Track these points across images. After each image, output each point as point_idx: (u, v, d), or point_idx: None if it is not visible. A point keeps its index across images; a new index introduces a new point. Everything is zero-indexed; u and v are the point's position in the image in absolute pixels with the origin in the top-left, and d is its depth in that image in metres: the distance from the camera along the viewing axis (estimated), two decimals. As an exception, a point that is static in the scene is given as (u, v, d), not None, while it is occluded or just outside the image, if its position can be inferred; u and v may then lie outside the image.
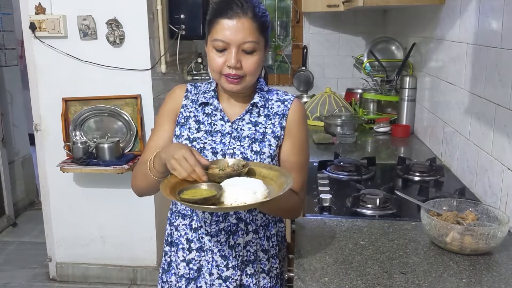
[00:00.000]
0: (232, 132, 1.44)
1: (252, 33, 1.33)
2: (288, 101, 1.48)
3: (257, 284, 1.47)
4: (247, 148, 1.41)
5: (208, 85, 1.52)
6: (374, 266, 1.34)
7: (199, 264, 1.47)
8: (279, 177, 1.29)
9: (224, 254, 1.44)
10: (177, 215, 1.52)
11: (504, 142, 1.63)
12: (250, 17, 1.33)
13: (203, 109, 1.48)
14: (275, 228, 1.52)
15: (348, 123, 2.97)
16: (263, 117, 1.46)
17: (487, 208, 1.51)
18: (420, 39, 2.89)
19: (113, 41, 2.92)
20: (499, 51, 1.67)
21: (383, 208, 1.74)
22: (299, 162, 1.47)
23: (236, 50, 1.33)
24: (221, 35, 1.33)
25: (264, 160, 1.40)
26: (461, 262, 1.36)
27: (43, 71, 3.02)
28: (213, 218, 1.43)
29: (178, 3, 3.30)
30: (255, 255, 1.46)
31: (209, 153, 1.42)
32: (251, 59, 1.35)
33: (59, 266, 3.32)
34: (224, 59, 1.35)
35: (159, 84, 3.15)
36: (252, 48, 1.34)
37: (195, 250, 1.46)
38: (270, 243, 1.50)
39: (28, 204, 4.65)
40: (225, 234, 1.43)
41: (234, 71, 1.35)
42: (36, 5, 2.91)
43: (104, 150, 2.88)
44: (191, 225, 1.47)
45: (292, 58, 4.45)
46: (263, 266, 1.48)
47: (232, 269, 1.44)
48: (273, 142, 1.43)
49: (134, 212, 3.18)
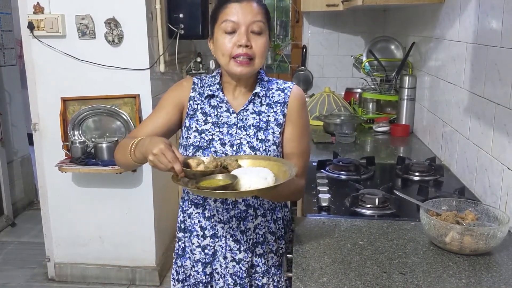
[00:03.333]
0: (238, 122, 1.51)
1: (259, 13, 1.44)
2: (288, 89, 1.55)
3: (266, 263, 1.56)
4: (253, 137, 1.49)
5: (212, 79, 1.59)
6: (373, 266, 1.33)
7: (213, 249, 1.55)
8: (280, 166, 1.37)
9: (236, 239, 1.52)
10: (189, 204, 1.57)
11: (504, 142, 1.62)
12: (256, 1, 1.45)
13: (209, 102, 1.55)
14: (281, 213, 1.61)
15: (347, 122, 2.96)
16: (265, 106, 1.53)
17: (487, 208, 1.50)
18: (420, 39, 2.88)
19: (111, 40, 2.92)
20: (499, 50, 1.66)
21: (382, 208, 1.73)
22: (300, 148, 1.54)
23: (245, 30, 1.42)
24: (231, 16, 1.42)
25: (269, 147, 1.48)
26: (461, 262, 1.35)
27: (41, 71, 3.01)
28: (224, 206, 1.51)
29: (177, 3, 3.30)
30: (264, 237, 1.55)
31: (217, 144, 1.49)
32: (260, 39, 1.44)
33: (58, 266, 3.31)
34: (234, 40, 1.42)
35: (157, 84, 3.14)
36: (260, 29, 1.44)
37: (209, 236, 1.54)
38: (277, 225, 1.59)
39: (27, 204, 4.64)
40: (236, 220, 1.52)
41: (245, 50, 1.42)
42: (35, 4, 2.90)
43: (103, 150, 2.88)
44: (204, 214, 1.54)
45: (292, 57, 4.45)
46: (271, 247, 1.57)
47: (244, 252, 1.53)
48: (276, 129, 1.50)
49: (133, 212, 3.17)
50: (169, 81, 3.36)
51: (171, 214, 3.64)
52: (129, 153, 1.40)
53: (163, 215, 3.40)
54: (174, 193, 3.70)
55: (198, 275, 1.57)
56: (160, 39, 3.13)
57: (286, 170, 1.34)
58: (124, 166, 1.56)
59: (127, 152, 1.41)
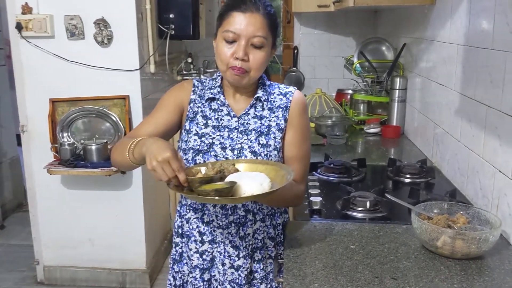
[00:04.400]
0: (239, 126, 1.50)
1: (262, 28, 1.40)
2: (289, 93, 1.54)
3: (264, 269, 1.54)
4: (254, 142, 1.47)
5: (213, 81, 1.56)
6: (365, 271, 1.32)
7: (212, 255, 1.53)
8: (278, 171, 1.35)
9: (235, 245, 1.50)
10: (188, 208, 1.55)
11: (496, 144, 1.61)
12: (262, 13, 1.40)
13: (210, 105, 1.53)
14: (281, 218, 1.60)
15: (339, 124, 2.95)
16: (267, 111, 1.52)
17: (478, 211, 1.49)
18: (411, 40, 2.88)
19: (101, 41, 2.89)
20: (490, 52, 1.65)
21: (373, 211, 1.72)
22: (300, 153, 1.52)
23: (245, 43, 1.39)
24: (233, 26, 1.39)
25: (271, 152, 1.47)
26: (453, 266, 1.34)
27: (29, 72, 2.98)
28: (223, 212, 1.48)
29: (167, 3, 3.27)
30: (263, 242, 1.53)
31: (218, 148, 1.47)
32: (259, 54, 1.41)
33: (47, 269, 3.27)
34: (233, 51, 1.40)
35: (148, 84, 3.11)
36: (261, 43, 1.40)
37: (208, 242, 1.52)
38: (276, 231, 1.57)
39: (16, 206, 4.59)
40: (235, 226, 1.50)
41: (240, 64, 1.39)
42: (23, 4, 2.87)
43: (92, 152, 2.85)
44: (203, 219, 1.51)
45: (283, 58, 4.43)
46: (270, 253, 1.56)
47: (243, 258, 1.50)
48: (277, 134, 1.49)
49: (123, 214, 3.15)
50: (159, 82, 3.34)
51: (161, 216, 3.62)
52: (127, 153, 1.36)
53: (154, 218, 3.37)
54: (164, 196, 3.68)
55: (196, 282, 1.55)
56: (150, 39, 3.10)
57: (283, 174, 1.32)
58: (120, 166, 1.52)
59: (125, 151, 1.37)
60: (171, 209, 3.79)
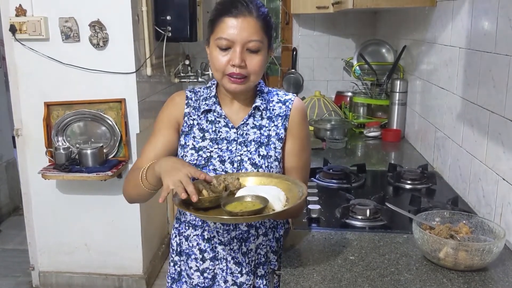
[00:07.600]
0: (238, 138, 1.44)
1: (257, 31, 1.33)
2: (289, 101, 1.47)
3: (267, 284, 1.49)
4: (254, 153, 1.42)
5: (207, 90, 1.49)
6: (364, 284, 1.27)
7: (213, 272, 1.47)
8: (287, 185, 1.32)
9: (238, 261, 1.45)
10: (186, 225, 1.49)
11: (499, 151, 1.57)
12: (255, 16, 1.33)
13: (206, 116, 1.47)
14: (283, 230, 1.56)
15: (338, 127, 2.91)
16: (266, 120, 1.46)
17: (481, 220, 1.45)
18: (411, 42, 2.83)
19: (96, 43, 2.84)
20: (494, 56, 1.61)
21: (373, 220, 1.67)
22: (299, 163, 1.48)
23: (240, 49, 1.32)
24: (226, 33, 1.32)
25: (272, 164, 1.41)
26: (455, 279, 1.30)
27: (24, 75, 2.93)
28: (224, 227, 1.43)
29: (164, 4, 3.22)
30: (266, 256, 1.49)
31: (216, 161, 1.41)
32: (256, 58, 1.35)
33: (42, 274, 3.23)
34: (228, 58, 1.34)
35: (144, 88, 3.06)
36: (257, 47, 1.34)
37: (209, 259, 1.46)
38: (278, 244, 1.52)
39: (12, 210, 4.54)
40: (237, 242, 1.44)
41: (238, 70, 1.33)
42: (17, 6, 2.82)
43: (87, 156, 2.80)
44: (204, 236, 1.46)
45: (282, 60, 4.38)
46: (272, 267, 1.51)
47: (246, 275, 1.46)
48: (277, 144, 1.44)
49: (119, 219, 3.10)
50: (156, 85, 3.29)
51: (159, 220, 3.57)
52: (142, 183, 1.33)
53: (151, 222, 3.32)
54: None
55: None
56: (146, 41, 3.05)
57: (292, 188, 1.29)
58: (137, 198, 1.47)
59: (139, 183, 1.34)
60: (168, 213, 3.74)
